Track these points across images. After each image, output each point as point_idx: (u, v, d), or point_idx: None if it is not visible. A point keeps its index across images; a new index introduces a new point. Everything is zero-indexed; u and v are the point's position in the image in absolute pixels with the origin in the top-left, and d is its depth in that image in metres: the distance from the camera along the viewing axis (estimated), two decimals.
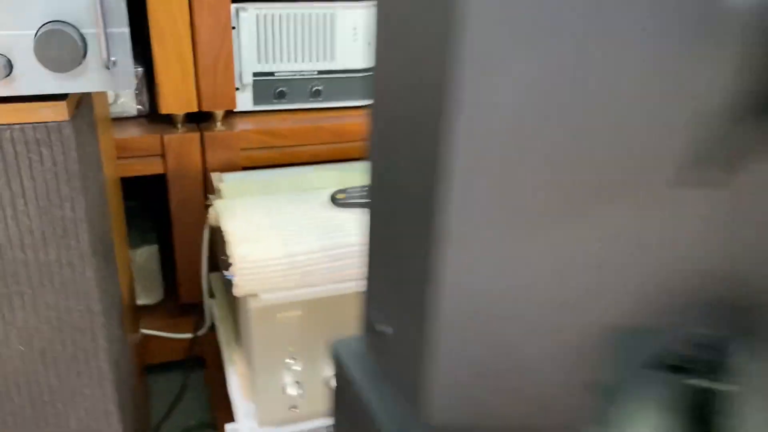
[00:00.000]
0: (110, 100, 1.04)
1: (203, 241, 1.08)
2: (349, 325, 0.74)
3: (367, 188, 0.76)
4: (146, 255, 1.12)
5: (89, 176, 0.64)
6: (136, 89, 1.05)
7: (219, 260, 0.92)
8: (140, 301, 1.15)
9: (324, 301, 0.72)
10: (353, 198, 0.79)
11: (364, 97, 1.18)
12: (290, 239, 0.72)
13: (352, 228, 0.74)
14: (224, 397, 0.98)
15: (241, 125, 1.08)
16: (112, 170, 0.87)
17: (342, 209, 0.79)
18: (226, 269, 0.69)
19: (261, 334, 0.70)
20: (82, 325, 0.65)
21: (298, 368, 0.73)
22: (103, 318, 0.66)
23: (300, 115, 1.14)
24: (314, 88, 1.14)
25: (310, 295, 0.71)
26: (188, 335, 1.14)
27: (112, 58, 0.54)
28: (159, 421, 1.08)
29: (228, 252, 0.72)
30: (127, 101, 1.05)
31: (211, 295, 1.09)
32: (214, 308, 1.03)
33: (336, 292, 0.72)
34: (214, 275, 1.10)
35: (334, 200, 0.80)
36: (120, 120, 1.07)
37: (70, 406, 0.68)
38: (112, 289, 0.72)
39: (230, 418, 0.88)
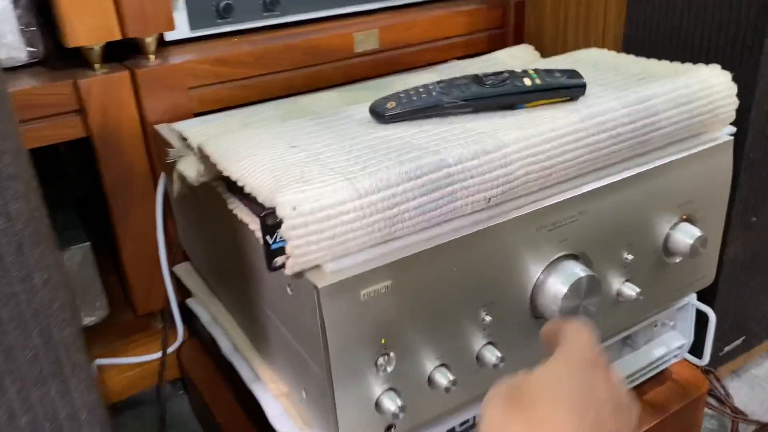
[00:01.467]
0: None
1: (157, 223, 0.78)
2: (462, 285, 0.49)
3: (430, 88, 0.51)
4: (78, 258, 0.81)
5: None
6: (23, 23, 0.72)
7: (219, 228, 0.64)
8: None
9: (422, 258, 0.46)
10: (412, 105, 0.53)
11: (336, 5, 0.90)
12: (351, 171, 0.45)
13: (433, 144, 0.48)
14: (232, 422, 0.70)
15: (182, 57, 0.78)
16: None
17: (397, 125, 0.53)
18: (269, 233, 0.42)
19: (337, 326, 0.44)
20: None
21: (391, 369, 0.47)
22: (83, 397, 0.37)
23: (254, 37, 0.85)
24: None
25: (403, 253, 0.45)
26: (156, 355, 0.84)
27: None
28: None
29: (249, 212, 0.44)
30: (11, 40, 0.72)
31: (183, 294, 0.80)
32: (197, 309, 0.74)
33: (440, 240, 0.47)
34: (182, 267, 0.80)
35: (379, 114, 0.54)
36: (5, 72, 0.74)
37: None
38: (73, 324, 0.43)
39: None
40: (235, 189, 0.50)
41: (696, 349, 0.71)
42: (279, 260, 0.42)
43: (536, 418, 0.33)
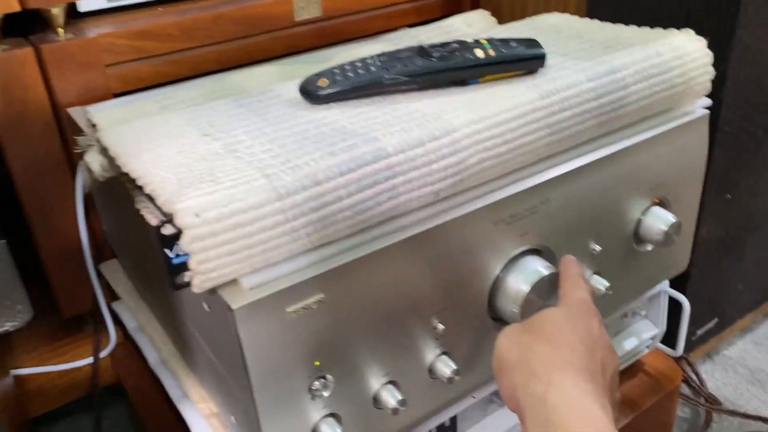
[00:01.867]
0: None
1: (78, 216, 0.70)
2: (410, 293, 0.42)
3: (368, 63, 0.44)
4: None
5: None
6: None
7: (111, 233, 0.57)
8: None
9: (361, 264, 0.39)
10: (347, 83, 0.45)
11: None
12: (271, 165, 0.38)
13: (371, 129, 0.41)
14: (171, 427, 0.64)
15: (97, 30, 0.69)
16: None
17: (332, 106, 0.46)
18: (168, 246, 0.35)
19: (259, 351, 0.37)
20: None
21: (328, 393, 0.41)
22: None
23: (181, 6, 0.76)
24: None
25: (337, 261, 0.39)
26: (87, 361, 0.77)
27: None
28: None
29: (158, 213, 0.37)
30: None
31: (112, 296, 0.72)
32: (124, 315, 0.67)
33: (381, 242, 0.40)
34: (109, 265, 0.72)
35: (310, 94, 0.46)
36: None
37: None
38: None
39: None
40: None
41: (668, 336, 0.67)
42: (185, 276, 0.35)
43: (544, 333, 0.40)
